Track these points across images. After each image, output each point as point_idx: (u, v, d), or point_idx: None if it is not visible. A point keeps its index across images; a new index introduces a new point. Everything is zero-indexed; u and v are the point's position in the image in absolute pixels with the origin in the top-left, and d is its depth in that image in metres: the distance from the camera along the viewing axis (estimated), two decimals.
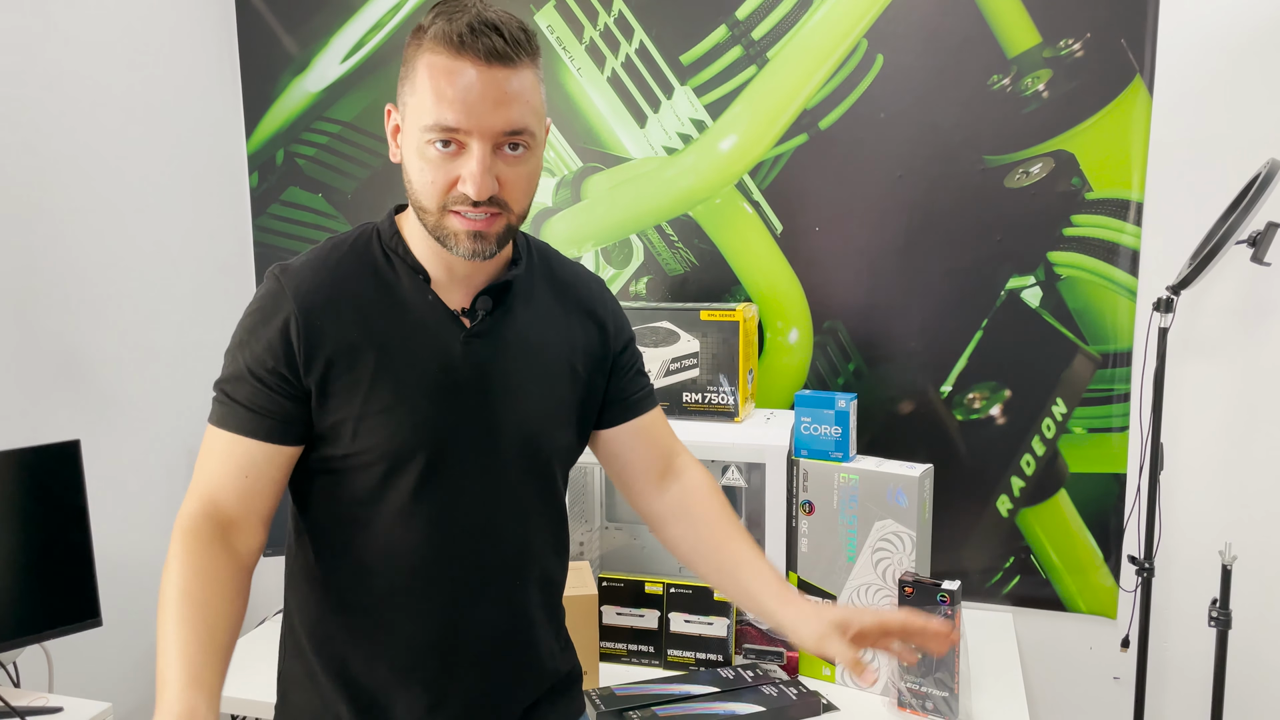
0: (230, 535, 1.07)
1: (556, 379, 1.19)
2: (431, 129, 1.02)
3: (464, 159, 1.03)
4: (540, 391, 1.17)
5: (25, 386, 1.99)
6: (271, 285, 1.10)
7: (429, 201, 1.05)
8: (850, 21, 2.09)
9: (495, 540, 1.16)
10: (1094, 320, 2.05)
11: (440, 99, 1.01)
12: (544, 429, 1.18)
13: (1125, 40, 1.95)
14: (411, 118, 1.05)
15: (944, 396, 2.14)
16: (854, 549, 1.79)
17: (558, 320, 1.21)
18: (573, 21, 2.27)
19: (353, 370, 1.08)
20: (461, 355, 1.12)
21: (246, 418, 1.07)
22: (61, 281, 2.08)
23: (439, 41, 1.01)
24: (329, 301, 1.09)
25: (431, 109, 1.01)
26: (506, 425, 1.15)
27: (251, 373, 1.07)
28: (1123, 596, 2.09)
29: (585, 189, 2.32)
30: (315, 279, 1.10)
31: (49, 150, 2.04)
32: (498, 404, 1.14)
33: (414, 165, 1.05)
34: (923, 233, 2.11)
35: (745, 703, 1.69)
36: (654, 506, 1.29)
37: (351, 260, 1.13)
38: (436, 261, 1.13)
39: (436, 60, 1.01)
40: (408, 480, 1.10)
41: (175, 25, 2.34)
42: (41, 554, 1.77)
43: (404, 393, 1.10)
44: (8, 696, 1.70)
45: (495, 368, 1.14)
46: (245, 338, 1.09)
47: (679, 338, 2.01)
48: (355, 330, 1.09)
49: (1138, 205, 1.99)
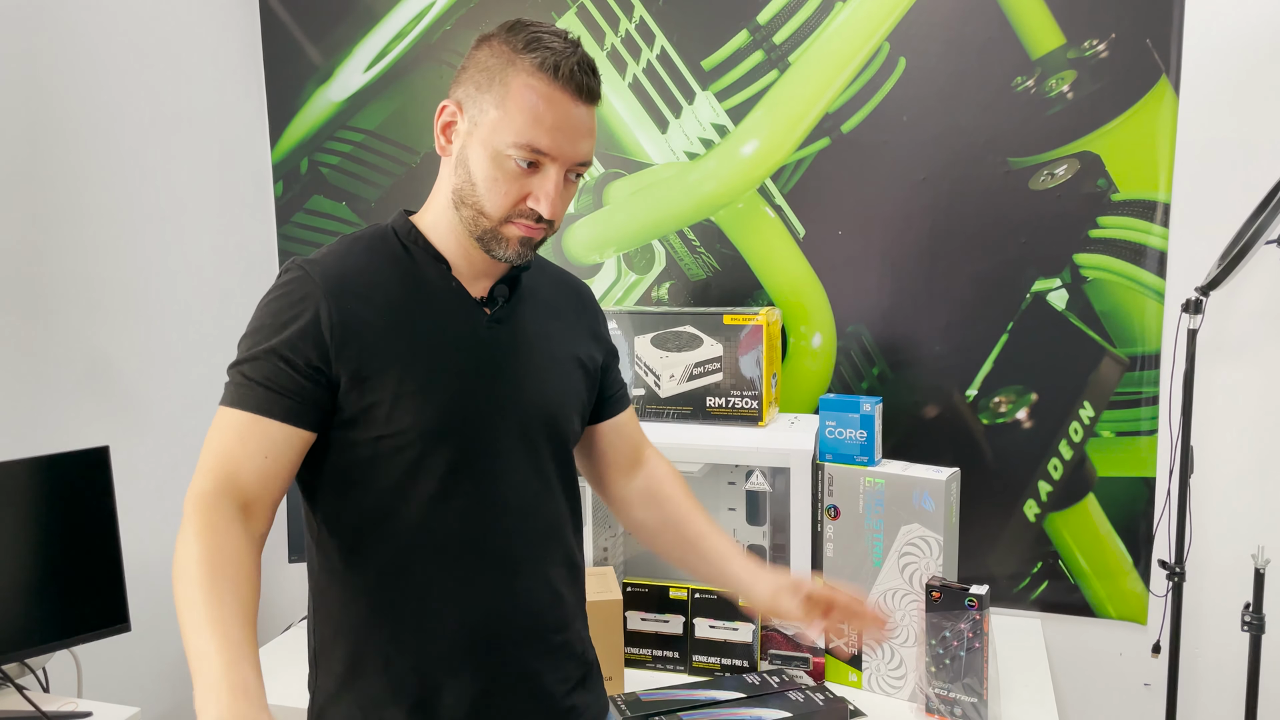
0: (246, 516, 1.05)
1: (568, 367, 1.25)
2: (522, 147, 1.08)
3: (539, 179, 1.10)
4: (557, 376, 1.23)
5: (55, 394, 2.01)
6: (296, 274, 1.11)
7: (494, 208, 1.11)
8: (872, 25, 2.09)
9: (528, 519, 1.19)
10: (1121, 323, 2.03)
11: (538, 123, 1.07)
12: (563, 411, 1.23)
13: (1150, 40, 1.94)
14: (494, 128, 1.09)
15: (969, 400, 2.12)
16: (880, 554, 1.78)
17: (560, 315, 1.27)
18: (594, 28, 2.27)
19: (385, 354, 1.10)
20: (486, 339, 1.17)
21: (267, 397, 1.07)
22: (90, 290, 2.10)
23: (541, 69, 1.08)
24: (356, 288, 1.11)
25: (526, 129, 1.08)
26: (531, 406, 1.19)
27: (278, 354, 1.07)
28: (1153, 602, 2.07)
29: (607, 195, 2.32)
30: (340, 267, 1.13)
31: (78, 160, 2.06)
32: (522, 386, 1.18)
33: (484, 171, 1.10)
34: (947, 236, 2.09)
35: (771, 708, 1.68)
36: (622, 494, 1.37)
37: (371, 252, 1.16)
38: (459, 254, 1.17)
39: (537, 85, 1.08)
40: (441, 461, 1.12)
41: (201, 37, 2.37)
42: (71, 560, 1.78)
43: (436, 374, 1.12)
44: (38, 701, 1.71)
45: (517, 352, 1.19)
46: (269, 322, 1.09)
47: (702, 342, 2.01)
48: (384, 314, 1.12)
49: (1165, 206, 1.97)
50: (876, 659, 1.80)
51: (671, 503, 1.35)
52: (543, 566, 1.20)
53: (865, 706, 1.76)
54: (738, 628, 1.88)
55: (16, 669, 1.83)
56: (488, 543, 1.15)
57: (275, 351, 1.07)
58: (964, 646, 1.65)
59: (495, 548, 1.16)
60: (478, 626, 1.15)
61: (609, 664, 1.80)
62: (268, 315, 1.10)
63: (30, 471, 1.73)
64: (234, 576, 0.98)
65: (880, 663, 1.80)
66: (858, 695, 1.80)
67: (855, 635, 1.26)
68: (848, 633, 1.26)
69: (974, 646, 1.64)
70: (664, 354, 2.04)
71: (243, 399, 1.07)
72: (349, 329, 1.09)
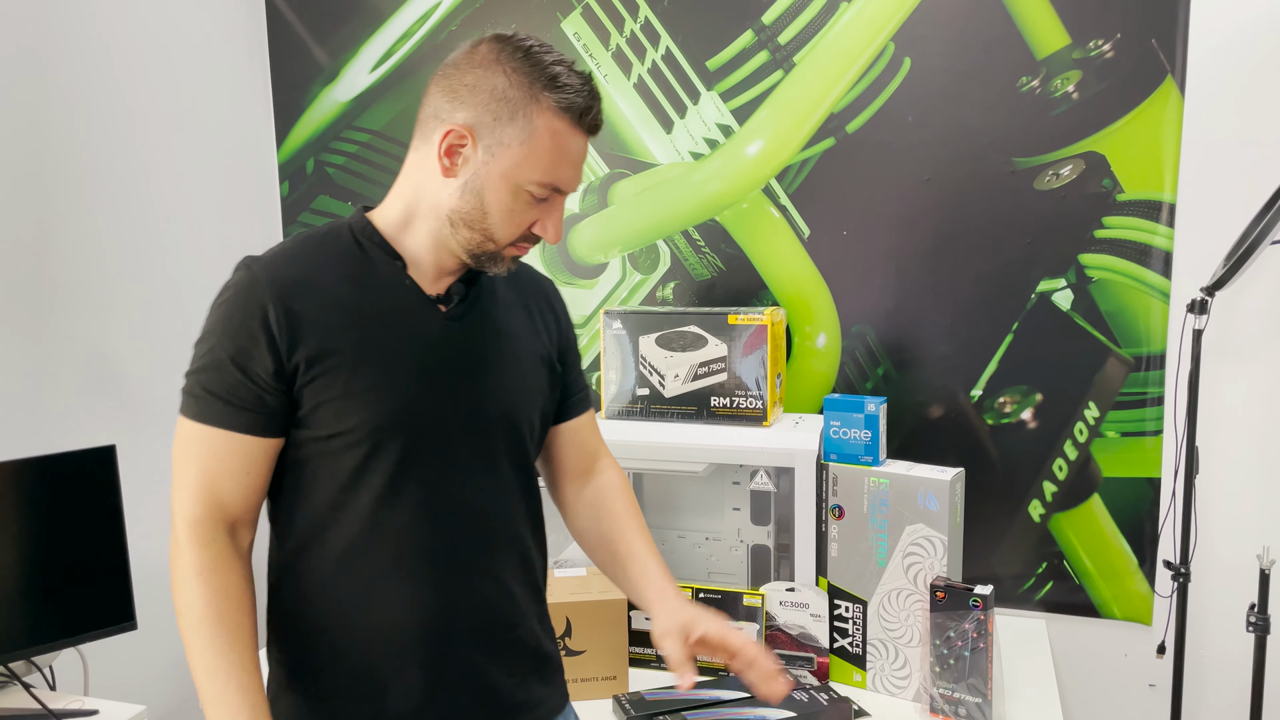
0: (235, 535, 1.12)
1: (529, 365, 1.25)
2: (544, 185, 1.12)
3: (547, 207, 1.15)
4: (514, 374, 1.23)
5: (62, 393, 2.02)
6: (243, 275, 1.12)
7: (504, 235, 1.13)
8: (877, 25, 2.09)
9: (480, 519, 1.19)
10: (1126, 323, 2.03)
11: (563, 162, 1.12)
12: (520, 409, 1.23)
13: (1156, 40, 1.94)
14: (518, 164, 1.11)
15: (974, 400, 2.12)
16: (884, 554, 1.78)
17: (521, 312, 1.28)
18: (599, 28, 2.28)
19: (335, 352, 1.10)
20: (441, 337, 1.16)
21: (236, 413, 1.08)
22: (96, 289, 2.11)
23: (565, 110, 1.10)
24: (305, 286, 1.11)
25: (552, 169, 1.12)
26: (487, 404, 1.19)
27: (236, 364, 1.08)
28: (1158, 602, 2.07)
29: (612, 195, 2.33)
30: (289, 265, 1.12)
31: (85, 160, 2.07)
32: (478, 384, 1.18)
33: (502, 202, 1.12)
34: (951, 236, 2.09)
35: (775, 708, 1.68)
36: (570, 501, 1.37)
37: (323, 248, 1.16)
38: (421, 255, 1.17)
39: (561, 128, 1.11)
40: (390, 460, 1.12)
41: (207, 37, 2.38)
42: (78, 558, 1.79)
43: (387, 371, 1.12)
44: (44, 699, 1.72)
45: (473, 350, 1.19)
46: (222, 327, 1.10)
47: (706, 342, 2.01)
48: (334, 313, 1.11)
49: (1170, 206, 1.97)
50: (881, 659, 1.80)
51: (610, 519, 1.33)
52: (494, 566, 1.20)
53: (869, 706, 1.76)
54: (742, 627, 1.88)
55: (23, 667, 1.83)
56: (436, 542, 1.15)
57: (233, 362, 1.08)
58: (968, 647, 1.65)
59: (445, 547, 1.16)
60: (425, 624, 1.15)
61: (614, 663, 1.81)
62: (221, 321, 1.10)
63: (37, 470, 1.74)
64: (239, 622, 1.07)
65: (885, 663, 1.80)
66: (862, 695, 1.80)
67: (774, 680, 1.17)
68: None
69: (978, 647, 1.64)
70: (669, 354, 2.04)
71: (213, 414, 1.09)
72: (297, 328, 1.09)
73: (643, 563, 1.28)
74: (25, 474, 1.73)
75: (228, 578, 1.08)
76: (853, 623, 1.83)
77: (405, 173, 1.19)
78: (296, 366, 1.09)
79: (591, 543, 1.35)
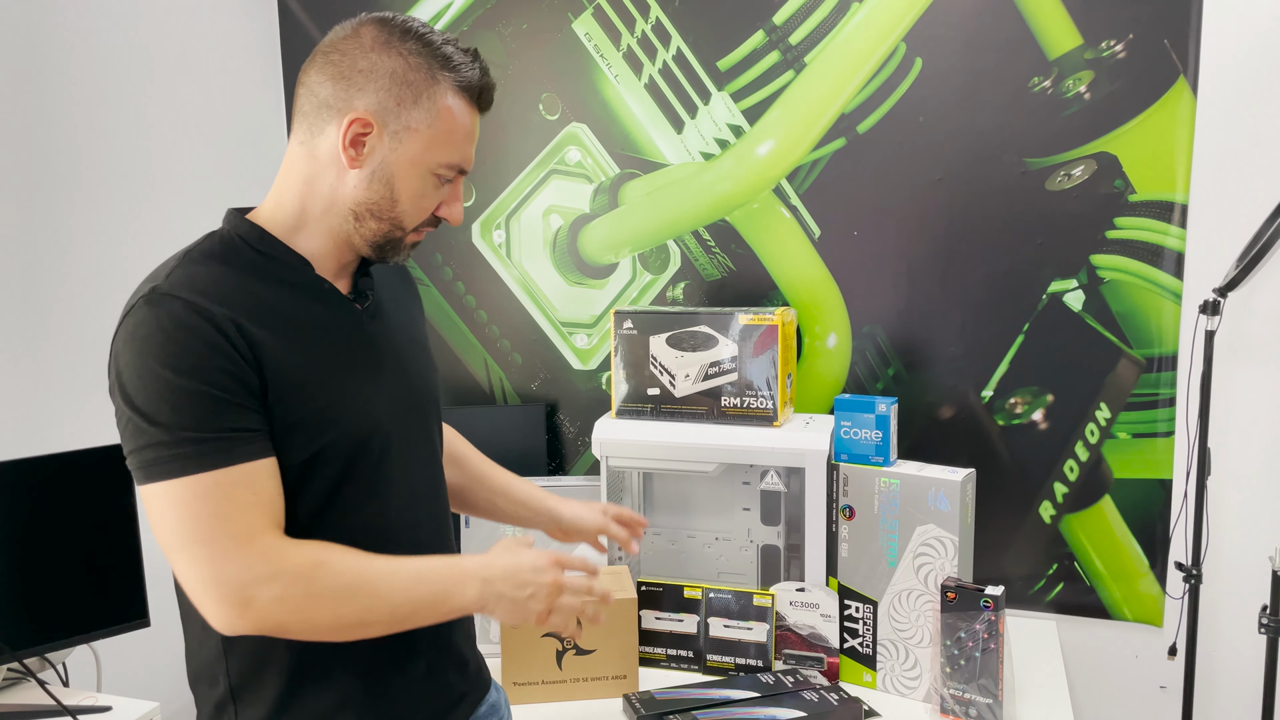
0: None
1: (424, 348, 1.30)
2: (450, 167, 1.12)
3: (450, 189, 1.15)
4: (424, 360, 1.27)
5: (77, 390, 2.03)
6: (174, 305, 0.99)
7: (412, 220, 1.13)
8: (888, 25, 2.08)
9: (434, 502, 1.24)
10: (1138, 324, 2.02)
11: (467, 142, 1.12)
12: (436, 392, 1.28)
13: (1169, 41, 1.93)
14: (427, 147, 1.09)
15: (985, 401, 2.12)
16: (895, 554, 1.78)
17: (402, 301, 1.29)
18: (610, 29, 2.28)
19: (285, 371, 1.04)
20: (369, 335, 1.16)
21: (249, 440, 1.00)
22: (110, 287, 2.12)
23: (466, 90, 1.11)
24: (237, 306, 1.03)
25: (456, 150, 1.11)
26: (419, 393, 1.22)
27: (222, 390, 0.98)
28: (1169, 604, 2.06)
29: (622, 195, 2.33)
30: (212, 288, 1.02)
31: (93, 158, 2.08)
32: (407, 374, 1.20)
33: (413, 187, 1.11)
34: (962, 236, 2.09)
35: (786, 708, 1.68)
36: None
37: (229, 264, 1.07)
38: (321, 254, 1.13)
39: (461, 106, 1.11)
40: (360, 467, 1.11)
41: (219, 37, 2.39)
42: (91, 555, 1.80)
43: (338, 384, 1.09)
44: (58, 695, 1.72)
45: (393, 341, 1.20)
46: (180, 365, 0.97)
47: (717, 342, 2.01)
48: (272, 331, 1.04)
49: (1182, 207, 1.97)
50: (891, 659, 1.80)
51: (470, 461, 1.44)
52: (447, 542, 1.26)
53: (880, 707, 1.76)
54: (752, 627, 1.88)
55: (37, 663, 1.85)
56: (405, 533, 1.17)
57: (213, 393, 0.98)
58: (979, 647, 1.65)
59: (412, 537, 1.18)
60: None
61: (623, 663, 1.81)
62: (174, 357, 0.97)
63: (51, 468, 1.75)
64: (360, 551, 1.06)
65: (895, 663, 1.80)
66: (872, 695, 1.80)
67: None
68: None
69: (989, 647, 1.64)
70: (679, 354, 2.04)
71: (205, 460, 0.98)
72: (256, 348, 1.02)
73: (521, 485, 1.46)
74: (39, 472, 1.74)
75: (320, 550, 1.03)
76: (863, 623, 1.83)
77: (290, 168, 1.12)
78: (264, 386, 1.02)
79: (461, 486, 1.43)
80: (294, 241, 1.12)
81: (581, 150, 2.34)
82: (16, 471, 1.71)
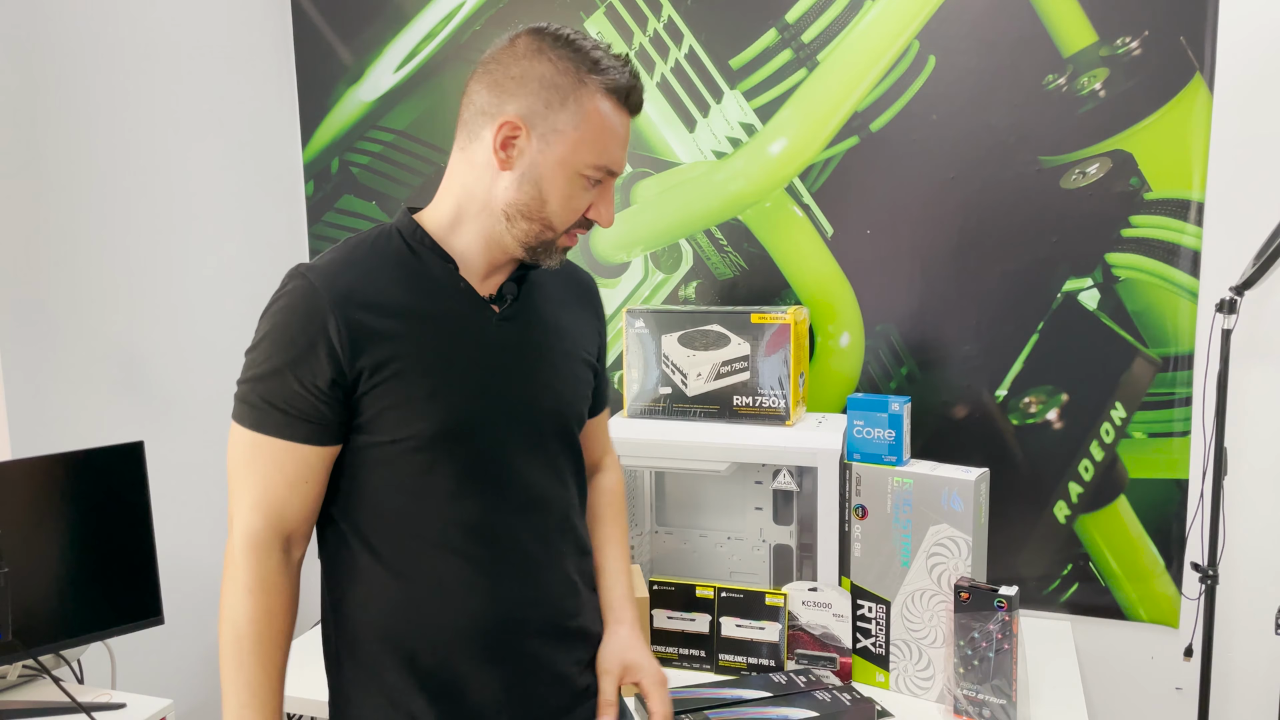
0: (290, 547, 1.14)
1: (575, 361, 1.28)
2: (599, 168, 1.14)
3: (600, 191, 1.17)
4: (566, 370, 1.26)
5: (91, 390, 2.05)
6: (301, 284, 1.11)
7: (562, 222, 1.15)
8: (902, 23, 2.08)
9: (543, 513, 1.22)
10: (1154, 322, 2.01)
11: (614, 143, 1.14)
12: (573, 403, 1.26)
13: (1184, 38, 1.92)
14: (574, 148, 1.12)
15: (999, 400, 2.11)
16: (908, 554, 1.77)
17: (569, 309, 1.30)
18: (622, 28, 2.28)
19: (396, 359, 1.11)
20: (496, 338, 1.18)
21: (294, 423, 1.10)
22: (125, 288, 2.13)
23: (614, 92, 1.13)
24: (362, 294, 1.12)
25: (605, 151, 1.14)
26: (543, 401, 1.22)
27: (294, 374, 1.09)
28: (1185, 605, 2.05)
29: (634, 194, 2.33)
30: (346, 274, 1.13)
31: (111, 160, 2.10)
32: (533, 381, 1.21)
33: (561, 189, 1.14)
34: (976, 235, 2.08)
35: (798, 708, 1.67)
36: None
37: (376, 254, 1.17)
38: (471, 255, 1.18)
39: (610, 109, 1.13)
40: (457, 460, 1.14)
41: (233, 38, 2.40)
42: (106, 553, 1.81)
43: (447, 376, 1.14)
44: (73, 692, 1.74)
45: (526, 349, 1.21)
46: (278, 336, 1.10)
47: (729, 341, 2.01)
48: (393, 319, 1.12)
49: (1198, 205, 1.95)
50: (904, 659, 1.80)
51: (595, 522, 1.38)
52: (559, 558, 1.24)
53: (893, 707, 1.75)
54: (764, 627, 1.87)
55: (52, 660, 1.86)
56: (505, 539, 1.18)
57: (290, 372, 1.09)
58: (993, 648, 1.64)
59: (513, 544, 1.18)
60: (499, 620, 1.18)
61: None
62: (276, 329, 1.10)
63: (66, 466, 1.76)
64: (277, 644, 1.11)
65: (908, 663, 1.79)
66: (885, 696, 1.79)
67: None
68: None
69: (1003, 648, 1.63)
70: (691, 353, 2.04)
71: (271, 424, 1.10)
72: (358, 337, 1.10)
73: (609, 579, 1.34)
74: (54, 470, 1.75)
75: (275, 598, 1.11)
76: (876, 623, 1.82)
77: (451, 173, 1.20)
78: (359, 375, 1.10)
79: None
80: (448, 241, 1.18)
81: None
82: (32, 470, 1.72)
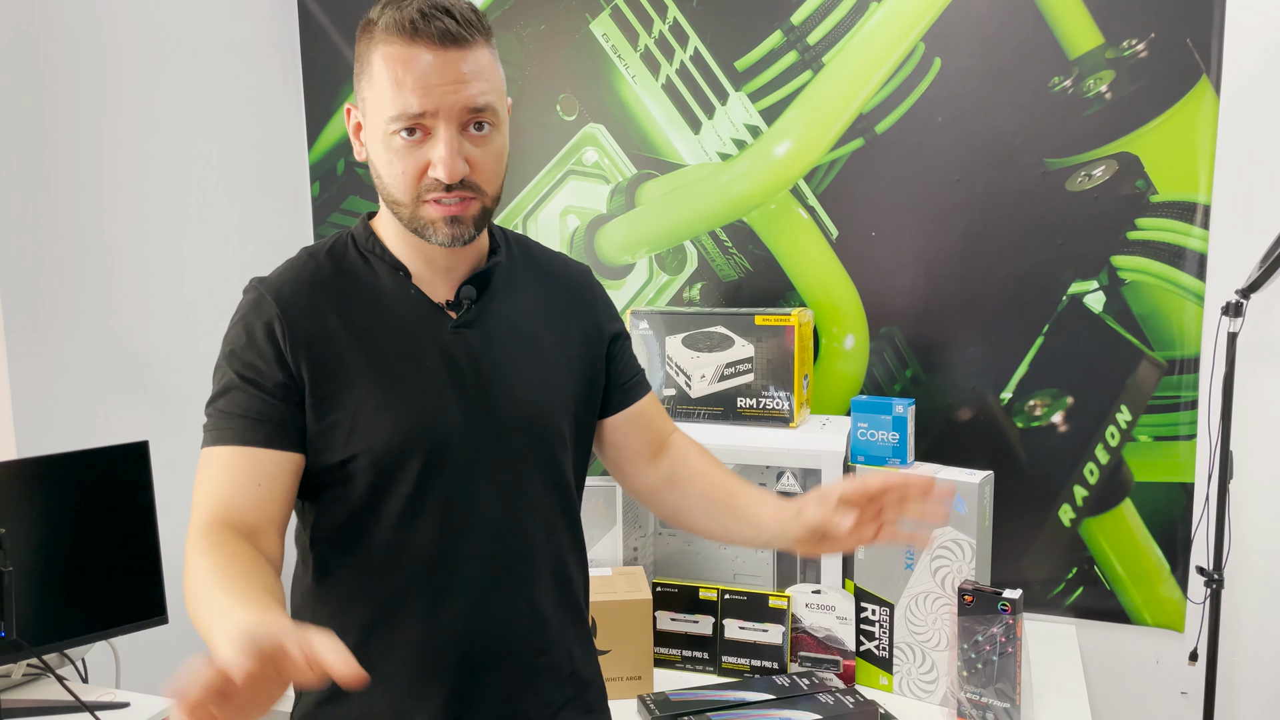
0: (254, 538, 1.02)
1: (553, 368, 1.17)
2: (396, 119, 1.01)
3: (431, 144, 1.03)
4: (538, 379, 1.15)
5: (96, 389, 2.05)
6: (251, 295, 1.11)
7: (402, 193, 1.05)
8: (907, 25, 2.07)
9: (506, 537, 1.12)
10: (1160, 325, 2.00)
11: (401, 87, 1.00)
12: (545, 417, 1.15)
13: (1191, 40, 1.91)
14: (373, 111, 1.04)
15: (1004, 403, 2.10)
16: (912, 556, 1.77)
17: (547, 310, 1.20)
18: (628, 29, 2.28)
19: (341, 372, 1.07)
20: (452, 346, 1.11)
21: (245, 426, 1.05)
22: (130, 288, 2.13)
23: (391, 31, 1.01)
24: (310, 303, 1.09)
25: (393, 99, 1.01)
26: (506, 414, 1.12)
27: (243, 378, 1.06)
28: (1190, 609, 2.04)
29: (639, 196, 2.33)
30: (295, 283, 1.10)
31: (116, 160, 2.10)
32: (495, 392, 1.11)
33: (381, 159, 1.05)
34: (982, 237, 2.08)
35: (801, 710, 1.67)
36: (648, 484, 1.28)
37: (328, 265, 1.13)
38: (416, 257, 1.12)
39: (391, 50, 1.01)
40: (409, 478, 1.07)
41: (240, 40, 2.40)
42: (110, 553, 1.81)
43: (396, 388, 1.08)
44: (77, 691, 1.74)
45: (488, 356, 1.12)
46: (231, 348, 1.08)
47: (733, 343, 2.01)
48: (340, 332, 1.08)
49: (1205, 208, 1.95)
50: (908, 662, 1.79)
51: (698, 478, 1.24)
52: (524, 586, 1.14)
53: (896, 710, 1.74)
54: (768, 629, 1.87)
55: (56, 659, 1.86)
56: (458, 564, 1.10)
57: (242, 376, 1.06)
58: (996, 651, 1.64)
59: (467, 569, 1.10)
60: (447, 651, 1.11)
61: (638, 664, 1.81)
62: (230, 343, 1.09)
63: (71, 466, 1.76)
64: (246, 568, 0.94)
65: (912, 666, 1.79)
66: (888, 698, 1.79)
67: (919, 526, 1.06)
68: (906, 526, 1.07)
69: (1007, 651, 1.63)
70: (695, 354, 2.04)
71: (222, 436, 1.05)
72: (301, 342, 1.06)
73: (743, 496, 1.18)
74: (59, 469, 1.75)
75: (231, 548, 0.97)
76: (879, 626, 1.82)
77: None
78: (304, 383, 1.06)
79: (687, 511, 1.24)
80: (394, 245, 1.13)
81: (599, 151, 2.34)
82: (37, 469, 1.73)
